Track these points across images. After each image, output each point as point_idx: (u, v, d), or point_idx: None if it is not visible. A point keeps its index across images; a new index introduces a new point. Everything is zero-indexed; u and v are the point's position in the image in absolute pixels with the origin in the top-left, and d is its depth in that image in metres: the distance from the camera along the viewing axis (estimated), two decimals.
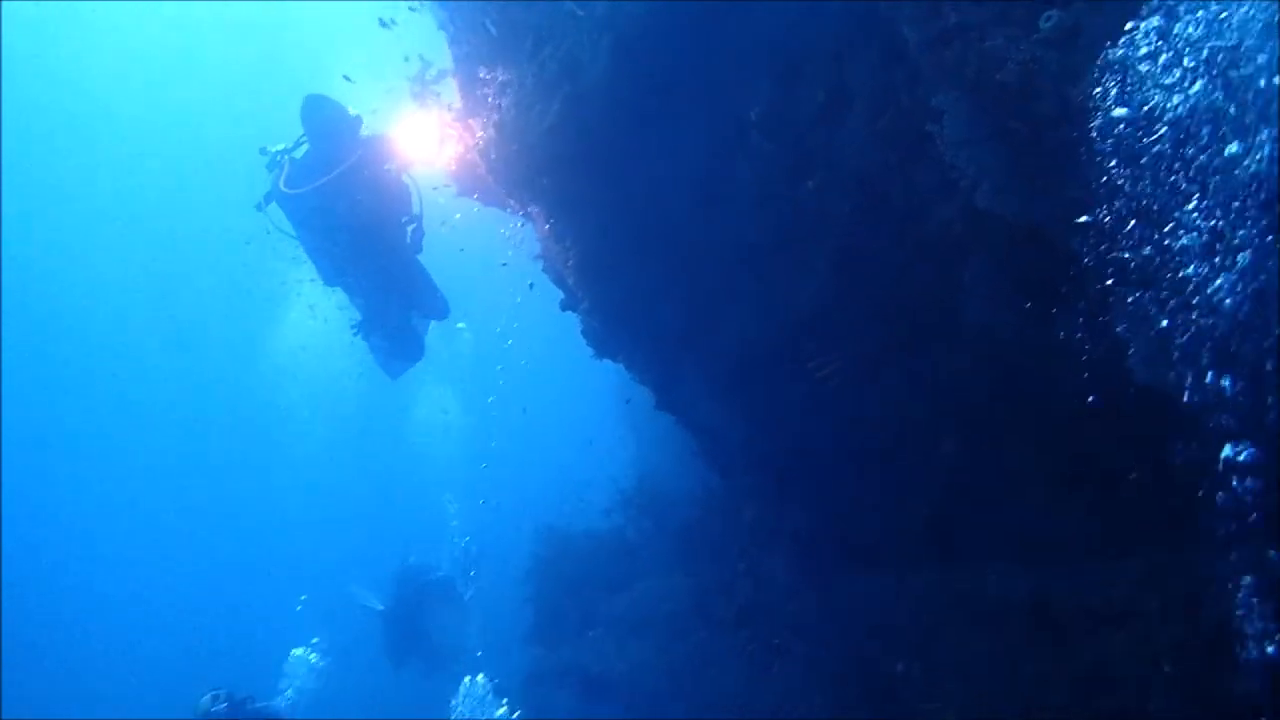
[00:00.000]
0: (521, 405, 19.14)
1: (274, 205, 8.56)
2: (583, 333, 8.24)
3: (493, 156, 7.18)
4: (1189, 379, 3.95)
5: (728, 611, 8.50)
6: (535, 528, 15.32)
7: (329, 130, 8.17)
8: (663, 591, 11.99)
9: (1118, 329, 4.08)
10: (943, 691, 5.96)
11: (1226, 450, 3.71)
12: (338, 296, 9.72)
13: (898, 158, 5.09)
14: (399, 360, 9.92)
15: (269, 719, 10.18)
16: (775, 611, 7.65)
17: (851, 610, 6.76)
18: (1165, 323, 3.86)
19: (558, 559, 15.02)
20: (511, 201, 8.01)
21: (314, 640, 15.24)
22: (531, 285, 10.40)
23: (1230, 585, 4.26)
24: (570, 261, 7.15)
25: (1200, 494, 4.46)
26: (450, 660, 15.12)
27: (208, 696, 9.87)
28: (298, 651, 14.73)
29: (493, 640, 16.17)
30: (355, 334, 9.66)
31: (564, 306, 8.43)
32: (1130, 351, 4.03)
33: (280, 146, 8.36)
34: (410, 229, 8.93)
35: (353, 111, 8.33)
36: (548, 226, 7.65)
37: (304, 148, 8.28)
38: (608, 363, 8.96)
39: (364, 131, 8.31)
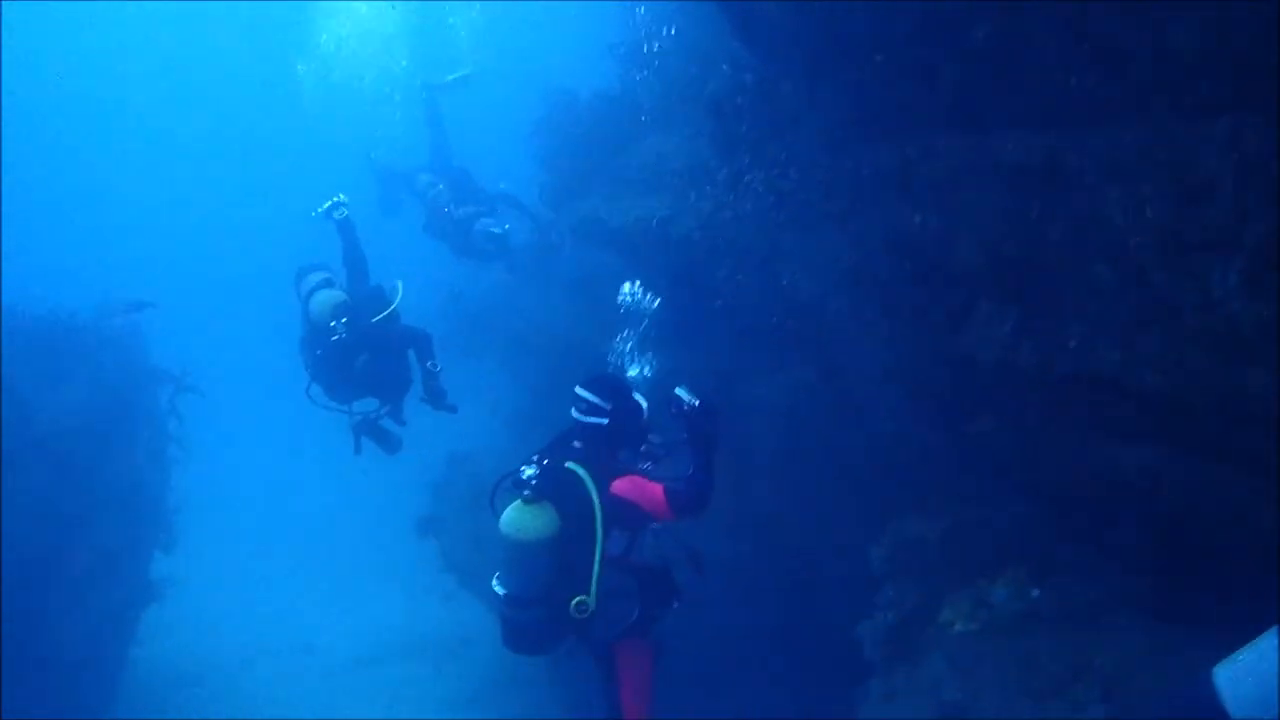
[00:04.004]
0: None
1: None
2: None
3: None
4: None
5: (752, 175, 9.35)
6: (543, 89, 15.54)
7: None
8: (674, 149, 12.60)
9: None
10: (958, 240, 7.03)
11: None
12: None
13: None
14: None
15: None
16: (802, 177, 8.53)
17: (875, 175, 7.63)
18: None
19: (565, 116, 15.34)
20: None
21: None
22: None
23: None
24: None
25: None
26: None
27: None
28: None
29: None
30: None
31: None
32: None
33: None
34: None
35: None
36: None
37: None
38: None
39: None
